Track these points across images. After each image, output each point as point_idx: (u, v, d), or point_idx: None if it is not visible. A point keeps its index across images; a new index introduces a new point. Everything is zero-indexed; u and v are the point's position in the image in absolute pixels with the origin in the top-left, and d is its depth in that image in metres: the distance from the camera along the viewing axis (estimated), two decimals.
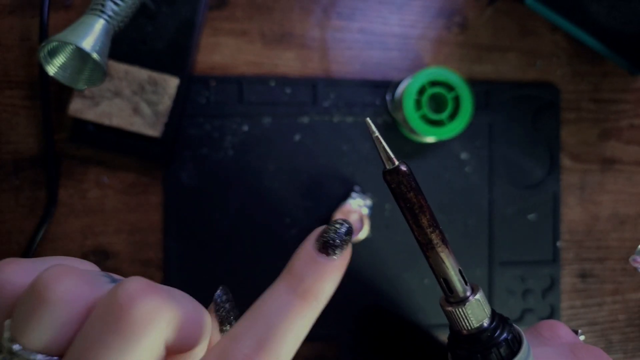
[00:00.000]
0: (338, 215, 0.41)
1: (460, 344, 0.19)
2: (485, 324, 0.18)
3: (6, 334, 0.15)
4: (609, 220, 0.48)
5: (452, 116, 0.41)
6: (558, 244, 0.47)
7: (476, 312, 0.18)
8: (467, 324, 0.18)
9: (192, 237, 0.42)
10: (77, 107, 0.38)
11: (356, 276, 0.44)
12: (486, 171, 0.45)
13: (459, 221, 0.45)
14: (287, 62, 0.44)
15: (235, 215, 0.43)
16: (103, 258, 0.42)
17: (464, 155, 0.45)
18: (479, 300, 0.18)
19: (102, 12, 0.33)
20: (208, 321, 0.17)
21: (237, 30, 0.43)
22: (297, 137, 0.43)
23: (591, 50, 0.46)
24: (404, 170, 0.19)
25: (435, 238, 0.19)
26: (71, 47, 0.33)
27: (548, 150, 0.46)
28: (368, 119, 0.19)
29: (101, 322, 0.14)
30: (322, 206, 0.43)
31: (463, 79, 0.40)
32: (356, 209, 0.41)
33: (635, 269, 0.48)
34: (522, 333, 0.18)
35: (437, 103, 0.43)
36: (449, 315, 0.19)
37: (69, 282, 0.15)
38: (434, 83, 0.41)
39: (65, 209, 0.42)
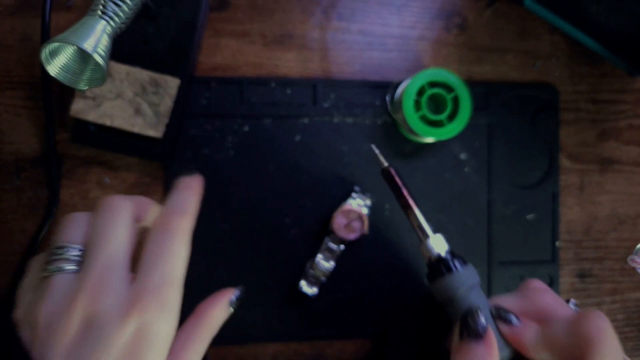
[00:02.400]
0: (338, 215, 0.41)
1: (430, 270, 0.27)
2: (443, 255, 0.27)
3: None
4: (607, 220, 0.49)
5: (451, 117, 0.41)
6: (557, 243, 0.47)
7: (437, 245, 0.27)
8: (431, 253, 0.27)
9: (193, 236, 0.42)
10: (79, 108, 0.39)
11: (355, 274, 0.44)
12: (485, 171, 0.46)
13: (458, 221, 0.45)
14: (288, 63, 0.44)
15: (236, 214, 0.43)
16: None
17: (463, 156, 0.46)
18: (440, 238, 0.27)
19: (104, 13, 0.33)
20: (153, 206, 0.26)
21: (238, 31, 0.44)
22: (297, 138, 0.44)
23: (590, 51, 0.46)
24: (389, 168, 0.30)
25: (410, 203, 0.29)
26: (72, 48, 0.34)
27: (547, 151, 0.47)
28: (373, 146, 0.31)
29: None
30: (322, 206, 0.43)
31: (462, 79, 0.41)
32: (356, 208, 0.41)
33: (634, 268, 0.49)
34: (471, 266, 0.27)
35: (437, 104, 0.43)
36: (422, 253, 0.27)
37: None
38: (433, 84, 0.41)
39: (66, 209, 0.42)
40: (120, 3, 0.33)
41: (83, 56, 0.34)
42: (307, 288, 0.41)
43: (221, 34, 0.43)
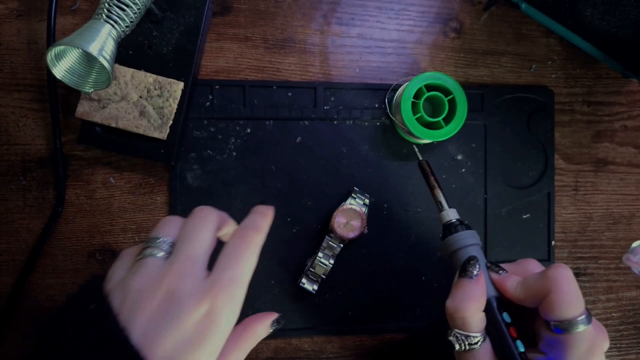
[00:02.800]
0: (338, 215, 0.42)
1: (445, 230, 0.35)
2: (453, 220, 0.35)
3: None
4: (602, 220, 0.49)
5: (448, 119, 0.42)
6: (552, 243, 0.48)
7: (450, 214, 0.35)
8: (445, 220, 0.35)
9: None
10: (84, 110, 0.39)
11: (354, 272, 0.45)
12: (481, 172, 0.47)
13: None
14: (289, 67, 0.45)
15: (239, 214, 0.43)
16: (110, 257, 0.43)
17: (459, 157, 0.46)
18: (452, 211, 0.35)
19: (109, 17, 0.33)
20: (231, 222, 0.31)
21: (241, 35, 0.44)
22: (298, 139, 0.44)
23: (585, 54, 0.47)
24: (423, 161, 0.36)
25: (433, 185, 0.36)
26: (78, 51, 0.34)
27: (542, 152, 0.47)
28: (414, 146, 0.39)
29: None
30: (323, 206, 0.44)
31: (459, 82, 0.41)
32: (356, 208, 0.42)
33: (629, 267, 0.49)
34: (475, 231, 0.35)
35: (434, 106, 0.44)
36: (440, 220, 0.36)
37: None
38: (430, 87, 0.42)
39: (72, 209, 0.43)
40: (125, 7, 0.34)
41: (88, 59, 0.35)
42: (308, 285, 0.42)
43: (224, 38, 0.44)
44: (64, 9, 0.42)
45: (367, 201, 0.43)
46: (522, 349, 0.31)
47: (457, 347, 0.31)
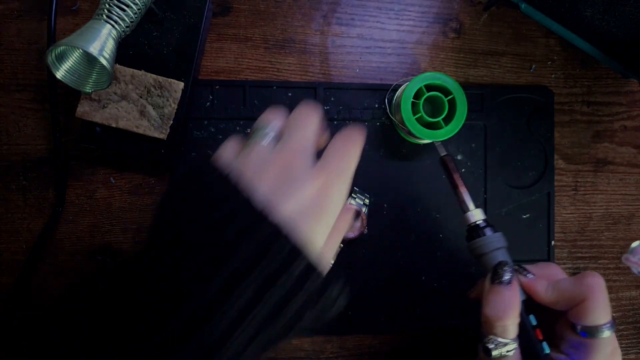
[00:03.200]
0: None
1: (470, 231, 0.35)
2: (479, 222, 0.35)
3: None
4: (601, 220, 0.49)
5: (448, 119, 0.42)
6: (552, 243, 0.48)
7: (476, 215, 0.35)
8: (470, 221, 0.35)
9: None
10: (85, 110, 0.39)
11: (354, 272, 0.45)
12: (481, 172, 0.47)
13: (455, 221, 0.46)
14: (289, 67, 0.45)
15: None
16: (110, 257, 0.43)
17: (460, 157, 0.46)
18: (478, 211, 0.35)
19: (109, 17, 0.34)
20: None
21: (241, 36, 0.44)
22: None
23: (585, 54, 0.47)
24: (447, 157, 0.38)
25: (458, 184, 0.36)
26: (78, 51, 0.34)
27: (542, 152, 0.47)
28: (436, 143, 0.39)
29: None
30: None
31: (459, 83, 0.41)
32: (356, 207, 0.42)
33: (628, 267, 0.49)
34: (501, 233, 0.35)
35: (434, 106, 0.44)
36: (465, 220, 0.36)
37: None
38: (430, 87, 0.42)
39: (73, 209, 0.43)
40: (125, 7, 0.34)
41: (89, 59, 0.35)
42: None
43: (224, 39, 0.44)
44: (64, 9, 0.42)
45: (367, 201, 0.43)
46: (547, 351, 0.32)
47: (494, 353, 0.32)
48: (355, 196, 0.43)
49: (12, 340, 0.43)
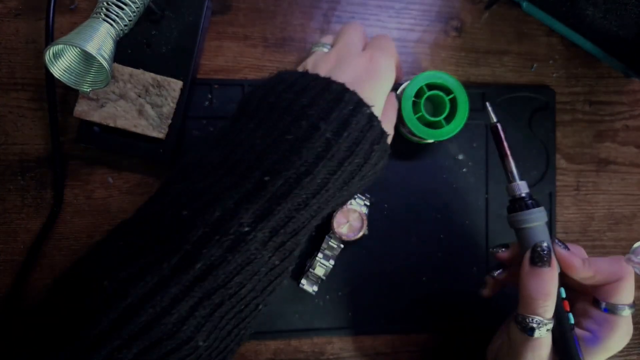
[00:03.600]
0: (338, 215, 0.41)
1: (512, 203, 0.36)
2: (523, 194, 0.36)
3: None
4: (603, 220, 0.49)
5: (449, 118, 0.41)
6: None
7: (521, 187, 0.35)
8: (515, 193, 0.36)
9: None
10: (83, 109, 0.39)
11: (354, 273, 0.45)
12: (483, 172, 0.46)
13: (456, 221, 0.46)
14: (289, 66, 0.45)
15: None
16: None
17: (461, 156, 0.46)
18: (523, 183, 0.36)
19: (107, 16, 0.33)
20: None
21: (240, 34, 0.44)
22: None
23: (586, 53, 0.47)
24: (497, 125, 0.37)
25: (506, 153, 0.36)
26: (76, 50, 0.34)
27: (544, 152, 0.47)
28: (487, 103, 0.38)
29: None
30: None
31: (460, 82, 0.41)
32: (356, 208, 0.42)
33: (631, 267, 0.49)
34: (542, 208, 0.35)
35: (435, 105, 0.44)
36: (509, 189, 0.36)
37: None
38: (431, 86, 0.41)
39: (71, 209, 0.43)
40: (123, 6, 0.34)
41: (87, 58, 0.35)
42: (308, 286, 0.42)
43: (223, 37, 0.44)
44: (62, 8, 0.42)
45: (367, 201, 0.43)
46: (572, 322, 0.34)
47: (536, 334, 0.32)
48: (355, 196, 0.43)
49: (10, 341, 0.43)
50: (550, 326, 0.33)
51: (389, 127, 0.35)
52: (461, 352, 0.47)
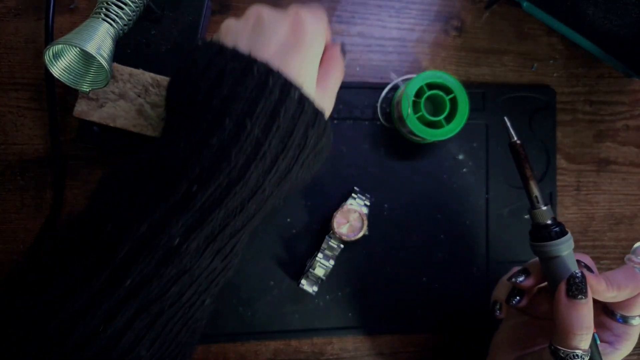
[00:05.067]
0: (338, 215, 0.41)
1: (537, 231, 0.33)
2: (549, 222, 0.33)
3: None
4: (604, 220, 0.49)
5: (449, 118, 0.41)
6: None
7: (544, 214, 0.33)
8: (540, 220, 0.33)
9: None
10: (82, 109, 0.39)
11: (354, 273, 0.45)
12: (483, 172, 0.46)
13: (456, 221, 0.46)
14: None
15: None
16: None
17: (461, 156, 0.46)
18: (548, 209, 0.33)
19: (107, 15, 0.33)
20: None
21: None
22: None
23: (587, 53, 0.47)
24: (517, 143, 0.34)
25: (529, 175, 0.33)
26: (76, 49, 0.34)
27: (544, 151, 0.47)
28: (505, 118, 0.35)
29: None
30: (323, 206, 0.44)
31: (460, 81, 0.41)
32: (356, 208, 0.42)
33: (631, 268, 0.49)
34: (569, 233, 0.33)
35: (435, 105, 0.44)
36: (533, 215, 0.34)
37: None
38: (431, 86, 0.41)
39: (70, 209, 0.43)
40: (123, 6, 0.34)
41: (86, 58, 0.35)
42: (308, 287, 0.42)
43: None
44: (62, 8, 0.42)
45: (367, 201, 0.43)
46: (598, 342, 0.34)
47: None
48: (355, 197, 0.43)
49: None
50: (587, 357, 0.32)
51: (329, 95, 0.32)
52: (461, 352, 0.47)
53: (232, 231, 0.26)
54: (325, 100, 0.31)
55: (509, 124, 0.34)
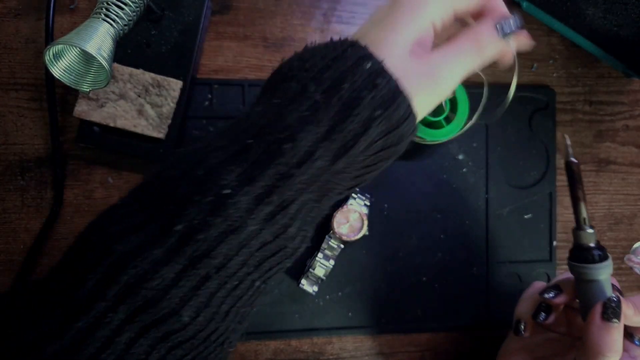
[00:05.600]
0: (338, 215, 0.41)
1: (579, 252, 0.34)
2: (592, 244, 0.33)
3: None
4: (604, 220, 0.49)
5: (449, 118, 0.41)
6: (554, 243, 0.47)
7: (589, 237, 0.33)
8: (584, 242, 0.33)
9: None
10: (82, 109, 0.39)
11: (354, 273, 0.45)
12: (483, 172, 0.46)
13: (456, 221, 0.46)
14: None
15: None
16: None
17: (461, 156, 0.46)
18: (594, 232, 0.33)
19: (107, 15, 0.33)
20: None
21: (240, 34, 0.44)
22: None
23: (586, 53, 0.47)
24: (574, 162, 0.34)
25: (580, 196, 0.34)
26: (76, 50, 0.34)
27: (544, 151, 0.47)
28: (565, 135, 0.36)
29: None
30: None
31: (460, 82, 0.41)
32: (356, 208, 0.42)
33: (631, 268, 0.49)
34: (610, 257, 0.33)
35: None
36: (578, 236, 0.34)
37: None
38: None
39: (71, 209, 0.43)
40: (123, 6, 0.34)
41: (86, 58, 0.35)
42: (308, 287, 0.42)
43: (223, 37, 0.44)
44: (62, 8, 0.42)
45: (367, 201, 0.43)
46: None
47: None
48: (355, 197, 0.43)
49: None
50: None
51: (434, 75, 0.27)
52: (461, 352, 0.47)
53: (281, 200, 0.25)
54: (422, 80, 0.27)
55: (568, 142, 0.34)
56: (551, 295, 0.35)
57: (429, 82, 0.27)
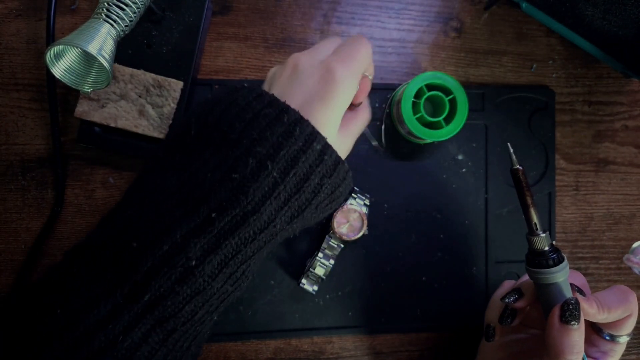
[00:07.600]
0: (338, 215, 0.41)
1: (533, 257, 0.34)
2: (547, 248, 0.33)
3: None
4: (603, 220, 0.49)
5: (449, 119, 0.41)
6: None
7: (543, 241, 0.33)
8: (538, 247, 0.33)
9: None
10: (83, 109, 0.39)
11: (354, 272, 0.45)
12: (482, 172, 0.46)
13: (455, 221, 0.46)
14: None
15: None
16: None
17: (460, 157, 0.46)
18: (546, 236, 0.33)
19: (108, 16, 0.33)
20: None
21: (240, 35, 0.44)
22: None
23: (586, 53, 0.47)
24: (519, 169, 0.34)
25: (529, 203, 0.33)
26: (77, 50, 0.34)
27: (543, 152, 0.47)
28: (508, 144, 0.35)
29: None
30: None
31: (459, 82, 0.41)
32: (356, 208, 0.42)
33: (630, 267, 0.49)
34: (566, 259, 0.33)
35: (434, 106, 0.44)
36: (531, 241, 0.34)
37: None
38: (431, 86, 0.42)
39: (71, 209, 0.43)
40: (124, 7, 0.34)
41: (87, 58, 0.35)
42: (308, 286, 0.42)
43: (224, 38, 0.44)
44: (63, 9, 0.42)
45: (367, 201, 0.43)
46: (585, 359, 0.34)
47: None
48: (355, 196, 0.43)
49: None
50: None
51: (350, 139, 0.35)
52: (461, 352, 0.47)
53: (243, 258, 0.28)
54: (346, 143, 0.34)
55: (511, 149, 0.34)
56: (512, 299, 0.36)
57: (350, 147, 0.35)
